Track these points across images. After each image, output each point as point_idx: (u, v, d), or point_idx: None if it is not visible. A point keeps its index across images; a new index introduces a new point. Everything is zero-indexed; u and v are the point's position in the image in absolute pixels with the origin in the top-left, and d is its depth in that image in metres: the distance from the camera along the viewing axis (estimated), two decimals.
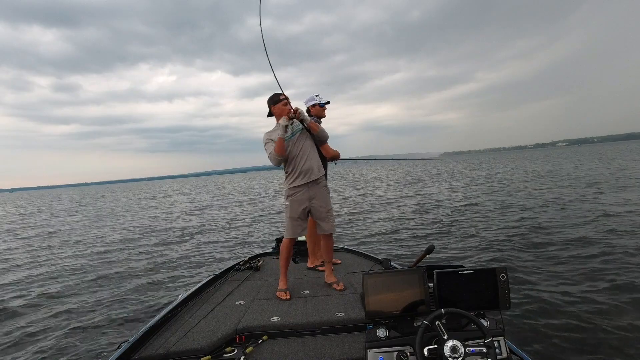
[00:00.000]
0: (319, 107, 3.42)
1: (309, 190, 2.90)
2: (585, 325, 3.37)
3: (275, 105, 2.87)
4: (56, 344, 3.83)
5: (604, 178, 16.26)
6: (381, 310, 1.62)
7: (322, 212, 2.95)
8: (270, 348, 2.05)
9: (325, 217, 2.96)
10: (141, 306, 4.78)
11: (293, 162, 2.88)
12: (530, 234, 7.03)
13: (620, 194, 11.10)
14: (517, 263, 5.33)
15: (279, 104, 2.86)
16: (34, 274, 7.06)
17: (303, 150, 2.89)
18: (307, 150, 2.91)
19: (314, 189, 2.91)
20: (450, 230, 8.13)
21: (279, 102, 2.85)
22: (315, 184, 2.92)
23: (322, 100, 3.43)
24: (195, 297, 2.83)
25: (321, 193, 2.95)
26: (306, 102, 3.46)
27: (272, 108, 2.92)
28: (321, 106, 3.43)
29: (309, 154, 2.91)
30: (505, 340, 1.62)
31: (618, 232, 6.54)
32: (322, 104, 3.43)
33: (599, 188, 12.87)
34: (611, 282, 4.29)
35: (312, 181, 2.89)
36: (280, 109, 2.85)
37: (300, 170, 2.87)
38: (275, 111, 2.90)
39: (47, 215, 23.22)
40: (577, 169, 23.79)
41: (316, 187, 2.92)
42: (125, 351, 1.93)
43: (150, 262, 7.37)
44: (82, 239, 11.34)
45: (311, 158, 2.92)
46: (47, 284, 6.27)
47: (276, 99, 2.87)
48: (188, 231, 11.36)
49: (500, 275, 1.66)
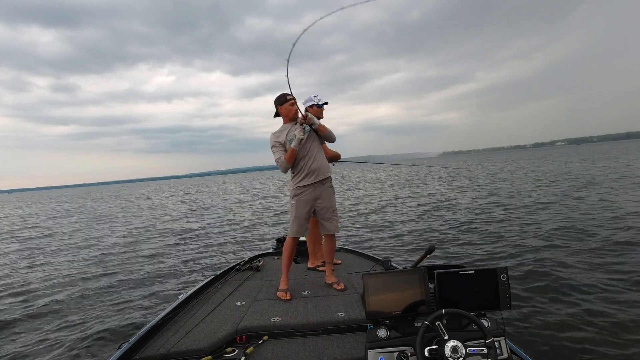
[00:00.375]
0: (317, 108, 3.39)
1: (315, 190, 2.92)
2: (587, 326, 3.37)
3: (282, 105, 2.93)
4: (57, 345, 3.83)
5: (605, 177, 16.26)
6: (382, 311, 1.62)
7: (327, 212, 2.97)
8: (271, 348, 2.05)
9: (329, 217, 2.98)
10: (142, 306, 4.78)
11: (301, 162, 2.91)
12: (531, 234, 7.03)
13: (621, 194, 11.09)
14: (518, 263, 5.33)
15: (285, 104, 2.92)
16: (34, 274, 7.07)
17: (311, 151, 2.92)
18: (314, 150, 2.94)
19: (320, 189, 2.94)
20: (451, 231, 8.12)
21: (286, 102, 2.91)
22: (321, 184, 2.94)
23: (320, 101, 3.40)
24: (196, 298, 2.83)
25: (327, 193, 2.98)
26: (304, 102, 3.43)
27: (279, 108, 2.96)
28: (319, 107, 3.40)
29: (317, 154, 2.95)
30: (506, 341, 1.62)
31: (621, 232, 6.53)
32: (320, 104, 3.40)
33: (600, 187, 12.87)
34: (613, 281, 4.29)
35: (319, 181, 2.92)
36: (287, 109, 2.92)
37: (308, 171, 2.89)
38: (282, 111, 2.95)
39: (46, 216, 23.25)
40: (583, 168, 23.77)
41: (322, 187, 2.95)
42: (126, 351, 1.93)
43: (150, 263, 7.37)
44: (83, 239, 11.35)
45: (319, 158, 2.95)
46: (46, 285, 6.26)
47: (283, 99, 2.93)
48: (188, 231, 11.36)
49: (501, 276, 1.66)
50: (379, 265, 3.40)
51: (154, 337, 2.15)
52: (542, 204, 10.52)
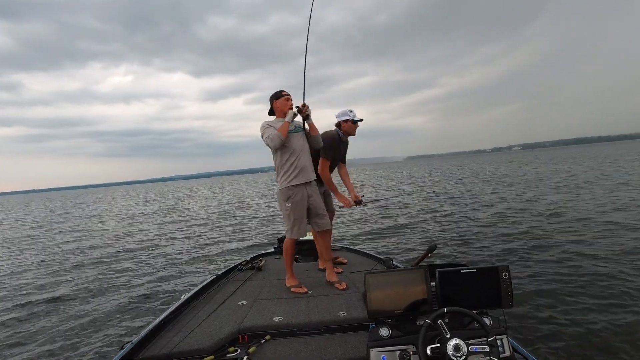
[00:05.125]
0: (352, 124, 3.26)
1: (306, 189, 2.96)
2: (589, 324, 3.36)
3: (278, 100, 2.97)
4: (59, 345, 3.84)
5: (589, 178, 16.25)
6: (383, 310, 1.62)
7: (319, 209, 3.01)
8: (273, 348, 2.05)
9: (322, 214, 3.03)
10: (144, 307, 4.79)
11: (293, 157, 2.92)
12: (532, 233, 7.02)
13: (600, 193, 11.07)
14: (520, 261, 5.32)
15: (281, 99, 2.96)
16: (38, 273, 7.09)
17: (300, 148, 2.95)
18: (305, 149, 2.99)
19: (309, 188, 2.99)
20: (452, 230, 8.12)
21: (282, 97, 2.96)
22: (309, 184, 2.99)
23: (355, 117, 3.27)
24: (198, 298, 2.84)
25: (315, 191, 3.04)
26: (338, 116, 3.30)
27: (275, 103, 2.99)
28: (354, 123, 3.27)
29: (306, 153, 2.99)
30: (508, 339, 1.62)
31: (623, 231, 6.52)
32: (356, 120, 3.28)
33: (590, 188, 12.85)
34: (615, 281, 4.28)
35: (308, 182, 2.96)
36: (282, 104, 2.96)
37: (301, 167, 2.91)
38: (277, 106, 2.98)
39: None
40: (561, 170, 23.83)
41: (310, 186, 3.00)
42: (128, 352, 1.93)
43: (151, 263, 7.39)
44: (82, 239, 11.38)
45: (308, 158, 2.99)
46: (49, 284, 6.29)
47: (279, 94, 2.98)
48: (188, 231, 11.39)
49: (502, 274, 1.65)
50: (380, 264, 3.40)
51: (156, 337, 2.16)
52: (542, 204, 10.51)
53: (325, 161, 3.26)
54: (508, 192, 14.09)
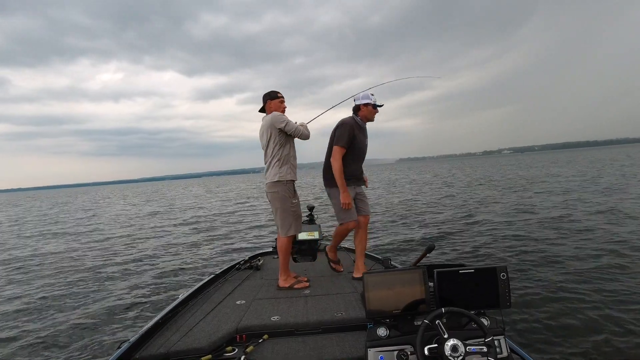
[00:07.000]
0: (372, 109, 3.09)
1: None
2: (586, 324, 3.37)
3: (273, 100, 3.05)
4: (56, 344, 3.83)
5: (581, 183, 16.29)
6: (382, 310, 1.62)
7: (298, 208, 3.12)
8: (271, 347, 2.05)
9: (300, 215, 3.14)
10: (142, 306, 4.77)
11: (291, 152, 3.03)
12: (531, 233, 7.04)
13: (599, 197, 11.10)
14: (518, 262, 5.33)
15: (276, 100, 3.04)
16: (33, 272, 7.07)
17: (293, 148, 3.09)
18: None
19: None
20: (450, 230, 8.13)
21: (277, 99, 3.04)
22: None
23: (376, 101, 3.09)
24: (196, 297, 2.83)
25: None
26: (357, 98, 3.10)
27: (269, 102, 3.05)
28: (374, 107, 3.09)
29: None
30: (506, 339, 1.62)
31: (622, 231, 6.54)
32: (376, 105, 3.09)
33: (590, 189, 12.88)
34: (614, 281, 4.29)
35: None
36: (277, 105, 3.04)
37: (294, 165, 3.03)
38: (271, 105, 3.05)
39: None
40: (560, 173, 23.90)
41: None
42: (126, 351, 1.92)
43: (150, 263, 7.37)
44: (82, 240, 11.34)
45: None
46: (46, 283, 6.27)
47: (274, 95, 3.05)
48: (188, 231, 11.37)
49: (500, 274, 1.66)
50: (378, 264, 3.40)
51: (154, 336, 2.15)
52: (543, 203, 10.53)
53: (340, 149, 3.01)
54: (507, 193, 14.12)
